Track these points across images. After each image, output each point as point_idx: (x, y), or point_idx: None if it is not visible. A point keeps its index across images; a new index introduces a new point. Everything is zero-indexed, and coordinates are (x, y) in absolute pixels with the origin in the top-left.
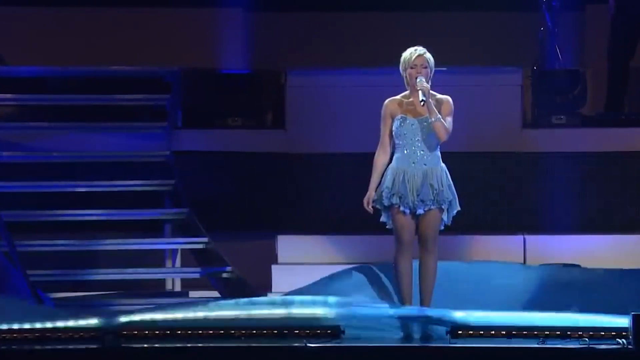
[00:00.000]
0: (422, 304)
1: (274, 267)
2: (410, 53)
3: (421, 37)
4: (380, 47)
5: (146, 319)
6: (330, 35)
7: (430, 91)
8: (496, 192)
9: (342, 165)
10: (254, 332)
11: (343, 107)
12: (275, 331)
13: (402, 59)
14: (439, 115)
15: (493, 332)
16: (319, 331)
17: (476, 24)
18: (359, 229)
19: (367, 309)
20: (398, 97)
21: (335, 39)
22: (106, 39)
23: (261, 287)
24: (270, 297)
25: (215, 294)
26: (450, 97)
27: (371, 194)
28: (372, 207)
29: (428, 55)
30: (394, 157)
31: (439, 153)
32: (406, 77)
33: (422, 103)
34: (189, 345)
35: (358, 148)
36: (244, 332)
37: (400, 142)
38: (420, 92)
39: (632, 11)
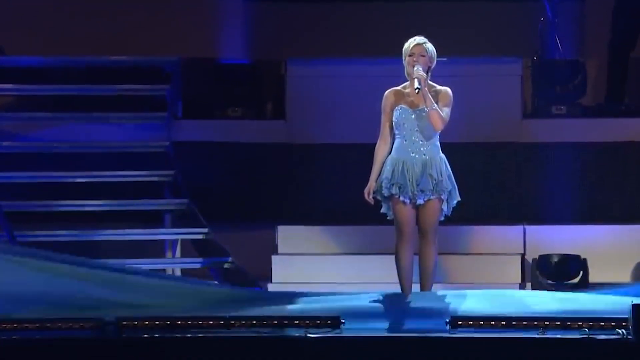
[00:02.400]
0: None
1: (274, 258)
2: (410, 42)
3: (421, 27)
4: (381, 37)
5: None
6: (331, 25)
7: (430, 82)
8: (496, 183)
9: (342, 156)
10: (254, 322)
11: (343, 97)
12: (275, 321)
13: (403, 49)
14: (435, 104)
15: (493, 322)
16: (318, 321)
17: (476, 14)
18: (359, 219)
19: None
20: (398, 87)
21: (336, 28)
22: (105, 29)
23: (261, 277)
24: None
25: (215, 284)
26: (450, 87)
27: (372, 184)
28: (373, 198)
29: (428, 45)
30: (393, 148)
31: (438, 143)
32: (405, 66)
33: (416, 91)
34: (189, 335)
35: (359, 139)
36: (243, 322)
37: (400, 133)
38: (416, 80)
39: (633, 2)
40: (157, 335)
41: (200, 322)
